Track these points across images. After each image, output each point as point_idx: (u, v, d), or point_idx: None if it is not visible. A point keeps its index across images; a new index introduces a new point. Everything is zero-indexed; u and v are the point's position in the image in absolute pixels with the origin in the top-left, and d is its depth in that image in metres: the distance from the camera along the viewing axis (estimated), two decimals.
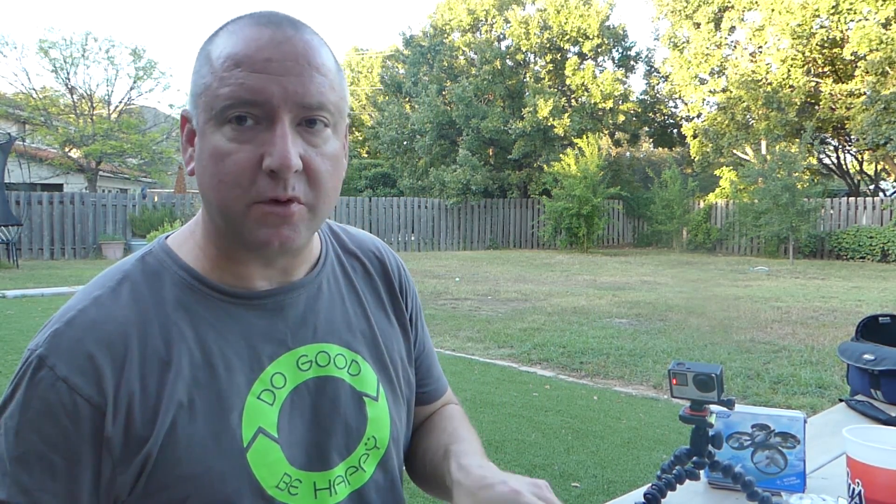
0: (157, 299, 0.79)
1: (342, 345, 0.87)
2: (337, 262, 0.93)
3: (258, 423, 0.79)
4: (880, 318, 1.83)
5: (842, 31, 18.19)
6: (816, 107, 19.38)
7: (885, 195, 19.92)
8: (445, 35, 23.13)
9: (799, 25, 18.35)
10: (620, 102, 21.50)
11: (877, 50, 16.69)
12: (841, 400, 1.76)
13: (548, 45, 22.04)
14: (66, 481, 0.73)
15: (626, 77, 22.74)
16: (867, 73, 17.20)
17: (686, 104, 22.77)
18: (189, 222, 0.87)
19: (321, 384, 0.84)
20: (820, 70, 19.45)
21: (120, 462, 0.74)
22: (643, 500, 1.12)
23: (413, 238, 19.86)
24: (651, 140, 26.47)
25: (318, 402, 0.84)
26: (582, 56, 22.38)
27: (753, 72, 19.63)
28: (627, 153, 26.78)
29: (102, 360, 0.73)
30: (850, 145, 21.24)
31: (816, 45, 18.55)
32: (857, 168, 22.73)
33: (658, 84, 24.20)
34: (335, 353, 0.86)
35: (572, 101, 22.21)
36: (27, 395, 0.73)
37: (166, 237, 0.86)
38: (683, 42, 21.74)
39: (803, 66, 18.98)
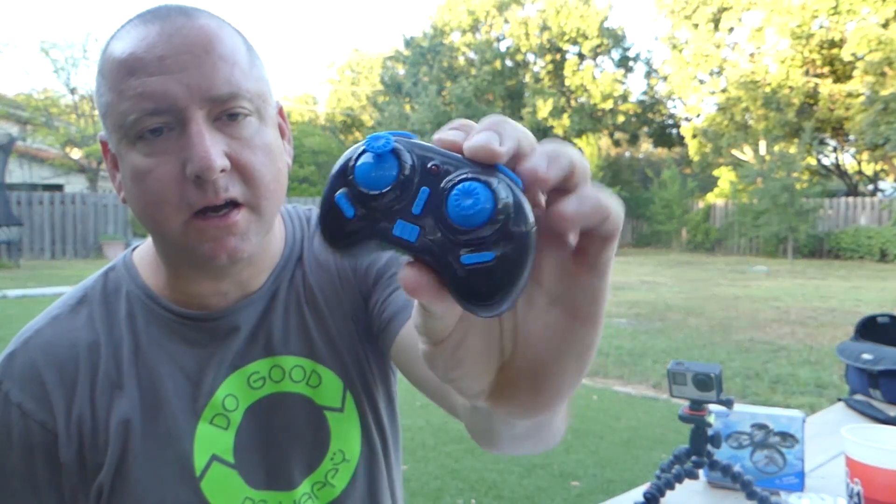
0: (113, 320, 0.77)
1: (299, 355, 0.80)
2: (298, 266, 0.83)
3: (211, 451, 0.76)
4: (879, 318, 1.84)
5: (841, 32, 18.21)
6: (815, 107, 19.40)
7: (883, 195, 19.92)
8: (445, 36, 23.14)
9: (798, 26, 18.37)
10: (620, 103, 21.53)
11: (876, 50, 16.70)
12: (840, 399, 1.77)
13: (547, 46, 22.07)
14: None
15: (626, 77, 22.77)
16: (866, 73, 17.21)
17: (685, 104, 22.79)
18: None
19: (276, 401, 0.79)
20: (819, 70, 19.47)
21: (79, 488, 0.73)
22: (643, 499, 1.12)
23: None
24: (650, 140, 26.48)
25: (273, 422, 0.79)
26: (581, 56, 22.41)
27: (752, 72, 19.65)
28: (627, 153, 26.78)
29: (53, 385, 0.73)
30: (848, 145, 21.25)
31: (815, 45, 18.57)
32: (856, 168, 22.74)
33: (657, 84, 24.23)
34: (291, 365, 0.80)
35: (572, 101, 22.23)
36: None
37: (133, 249, 0.84)
38: (682, 43, 21.76)
39: (802, 66, 19.00)
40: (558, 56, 22.41)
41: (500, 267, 0.30)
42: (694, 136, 21.50)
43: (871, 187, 21.99)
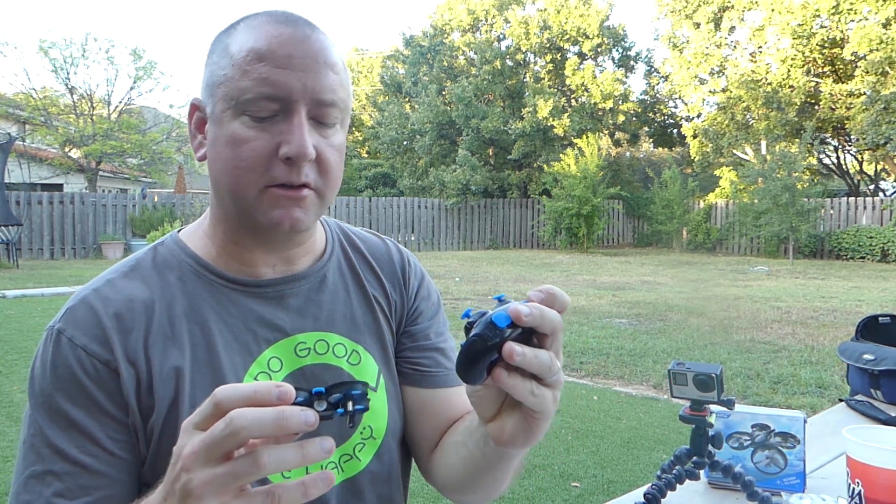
0: (165, 283, 0.84)
1: (343, 335, 0.90)
2: (343, 257, 0.96)
3: None
4: (880, 319, 1.83)
5: (842, 31, 18.19)
6: (816, 107, 19.39)
7: (884, 195, 19.92)
8: (445, 35, 23.13)
9: (799, 25, 18.36)
10: (620, 102, 21.50)
11: (877, 50, 16.69)
12: (841, 400, 1.76)
13: (548, 45, 22.04)
14: (103, 442, 0.77)
15: (626, 77, 22.75)
16: (867, 73, 17.20)
17: (686, 104, 22.77)
18: (199, 217, 0.92)
19: (319, 371, 0.87)
20: (820, 70, 19.45)
21: (140, 427, 0.79)
22: (643, 499, 1.12)
23: (413, 238, 19.86)
24: (651, 140, 26.47)
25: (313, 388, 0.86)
26: (582, 56, 22.39)
27: (753, 72, 19.63)
28: (627, 153, 26.78)
29: (112, 330, 0.79)
30: (850, 145, 21.24)
31: (816, 45, 18.55)
32: (857, 168, 22.72)
33: (658, 84, 24.21)
34: (335, 342, 0.89)
35: (572, 101, 22.21)
36: (53, 366, 0.78)
37: (178, 231, 0.92)
38: (683, 42, 21.74)
39: (803, 66, 18.98)
40: (559, 56, 22.37)
41: (460, 354, 0.58)
42: (695, 136, 21.48)
43: (872, 187, 21.98)
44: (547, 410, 0.62)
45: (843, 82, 18.69)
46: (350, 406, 0.56)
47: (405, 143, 22.68)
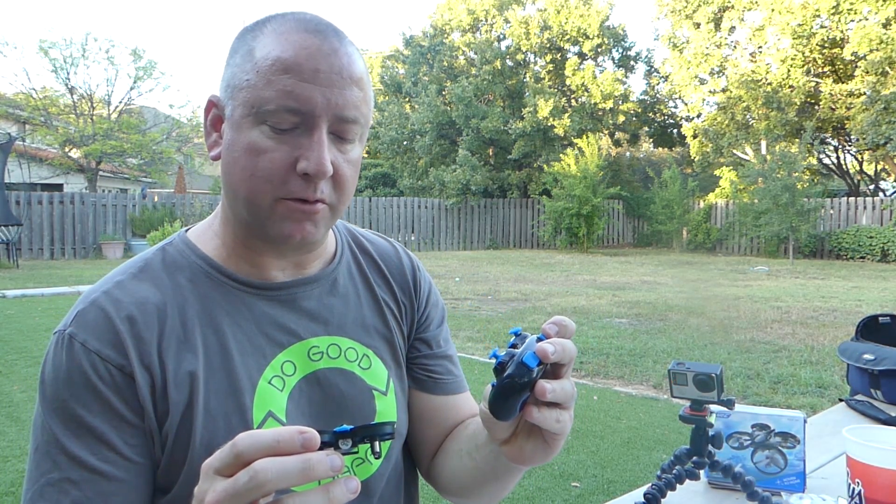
0: (176, 285, 0.83)
1: (354, 339, 0.90)
2: (353, 260, 0.96)
3: (268, 407, 0.82)
4: (880, 318, 1.83)
5: (842, 31, 18.19)
6: (816, 107, 19.38)
7: (884, 195, 19.91)
8: (445, 35, 23.12)
9: (799, 25, 18.35)
10: (620, 102, 21.49)
11: (877, 50, 16.69)
12: (841, 400, 1.76)
13: (548, 45, 22.04)
14: (120, 448, 0.76)
15: (626, 77, 22.73)
16: (867, 73, 17.19)
17: (686, 104, 22.77)
18: (208, 217, 0.91)
19: (332, 375, 0.87)
20: (820, 70, 19.45)
21: (155, 432, 0.78)
22: (643, 499, 1.12)
23: (413, 238, 19.85)
24: (651, 140, 26.46)
25: (327, 392, 0.86)
26: (582, 56, 22.38)
27: (753, 72, 19.63)
28: (627, 153, 26.77)
29: (125, 334, 0.77)
30: (850, 145, 21.23)
31: (816, 45, 18.55)
32: (857, 168, 22.72)
33: (658, 84, 24.20)
34: (346, 346, 0.89)
35: (572, 101, 22.21)
36: (67, 371, 0.76)
37: (186, 230, 0.91)
38: (683, 42, 21.74)
39: (803, 66, 18.98)
40: (559, 56, 22.36)
41: (495, 394, 0.64)
42: (695, 136, 21.48)
43: (872, 187, 21.97)
44: (567, 431, 0.68)
45: (843, 82, 18.68)
46: (377, 446, 0.56)
47: (405, 143, 22.67)
